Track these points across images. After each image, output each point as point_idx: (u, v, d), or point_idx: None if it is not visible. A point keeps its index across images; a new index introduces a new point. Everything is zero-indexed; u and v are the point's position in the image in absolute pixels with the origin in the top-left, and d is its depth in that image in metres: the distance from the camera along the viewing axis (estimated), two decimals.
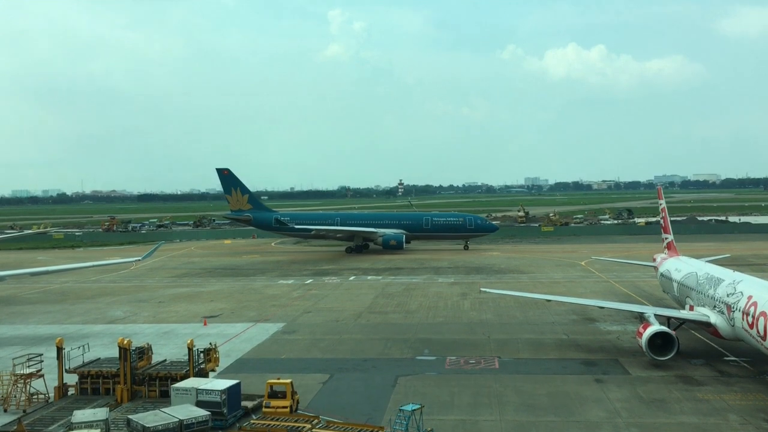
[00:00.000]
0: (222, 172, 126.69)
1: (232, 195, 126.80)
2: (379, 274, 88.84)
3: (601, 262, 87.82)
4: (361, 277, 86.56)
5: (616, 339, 49.22)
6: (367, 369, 42.70)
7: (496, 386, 38.20)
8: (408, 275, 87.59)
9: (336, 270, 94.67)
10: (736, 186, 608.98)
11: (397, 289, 76.00)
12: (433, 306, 64.69)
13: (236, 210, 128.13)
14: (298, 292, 75.01)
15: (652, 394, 36.08)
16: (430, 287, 76.73)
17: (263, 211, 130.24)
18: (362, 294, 72.69)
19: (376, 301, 68.38)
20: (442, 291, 73.79)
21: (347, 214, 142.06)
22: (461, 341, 49.71)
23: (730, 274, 44.66)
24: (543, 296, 56.46)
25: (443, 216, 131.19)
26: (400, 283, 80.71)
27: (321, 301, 69.11)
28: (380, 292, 73.99)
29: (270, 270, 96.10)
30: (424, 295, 70.90)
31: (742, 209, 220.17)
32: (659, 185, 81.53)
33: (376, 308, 64.27)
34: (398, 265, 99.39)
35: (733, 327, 39.63)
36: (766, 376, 38.59)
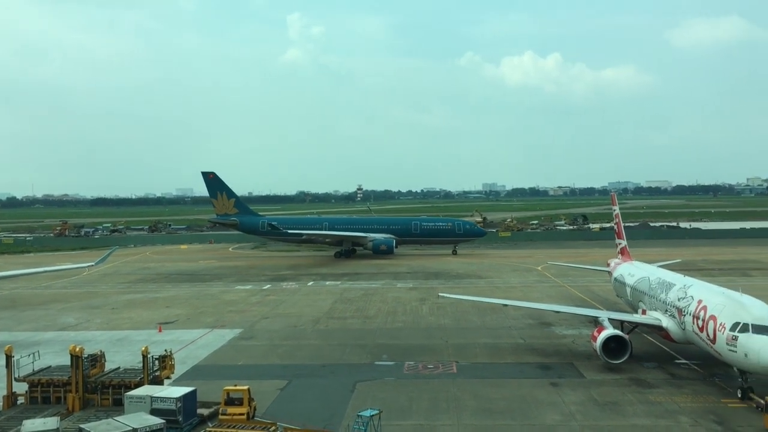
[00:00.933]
0: (207, 175, 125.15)
1: (217, 199, 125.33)
2: (338, 280, 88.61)
3: (557, 267, 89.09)
4: (320, 283, 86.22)
5: (571, 343, 49.94)
6: (325, 375, 42.53)
7: (454, 391, 38.41)
8: (367, 280, 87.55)
9: (294, 275, 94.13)
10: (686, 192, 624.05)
11: (355, 294, 75.90)
12: (391, 311, 64.78)
13: (222, 214, 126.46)
14: (256, 298, 74.35)
15: (606, 397, 36.69)
16: (389, 292, 76.83)
17: (250, 216, 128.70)
18: (321, 299, 72.41)
19: (335, 306, 68.17)
20: (401, 296, 73.94)
21: (335, 219, 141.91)
22: (419, 346, 49.87)
23: (681, 278, 45.74)
24: (500, 301, 56.95)
25: (432, 221, 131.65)
26: (359, 288, 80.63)
27: (279, 306, 68.62)
28: (339, 297, 73.80)
29: (227, 275, 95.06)
30: (382, 301, 70.95)
31: (693, 215, 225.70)
32: (613, 192, 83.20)
33: (334, 314, 64.08)
34: (357, 270, 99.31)
35: (684, 330, 40.57)
36: (715, 378, 39.56)
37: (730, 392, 36.56)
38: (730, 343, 34.05)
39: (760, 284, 74.57)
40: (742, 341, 33.34)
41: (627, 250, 62.69)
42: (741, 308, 35.02)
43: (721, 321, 35.29)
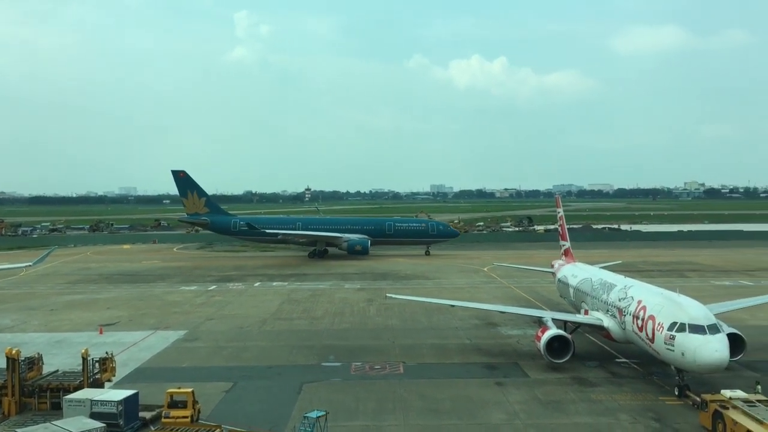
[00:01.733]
0: (178, 174, 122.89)
1: (188, 198, 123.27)
2: (285, 280, 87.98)
3: (503, 268, 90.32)
4: (267, 284, 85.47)
5: (516, 343, 50.69)
6: (271, 376, 42.18)
7: (400, 391, 38.56)
8: (314, 281, 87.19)
9: (241, 276, 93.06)
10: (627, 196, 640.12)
11: (303, 295, 75.49)
12: (339, 312, 64.65)
13: (192, 213, 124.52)
14: (201, 299, 73.23)
15: (549, 396, 37.37)
16: (337, 293, 76.67)
17: (221, 215, 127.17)
18: (267, 300, 71.77)
19: (282, 307, 67.67)
20: (349, 297, 73.87)
21: (308, 219, 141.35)
22: (367, 347, 49.91)
23: (622, 279, 46.91)
24: (447, 302, 57.32)
25: (406, 221, 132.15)
26: (307, 289, 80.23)
27: (225, 307, 67.74)
28: (286, 298, 73.28)
29: (171, 276, 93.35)
30: (330, 302, 70.74)
31: (633, 218, 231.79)
32: (557, 194, 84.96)
33: (281, 315, 63.61)
34: (304, 271, 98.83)
35: (624, 330, 41.62)
36: (654, 376, 40.70)
37: (667, 390, 37.66)
38: (668, 342, 35.06)
39: (697, 285, 77.18)
40: (679, 340, 34.37)
41: (570, 252, 64.00)
42: (678, 308, 36.09)
43: (659, 321, 36.31)
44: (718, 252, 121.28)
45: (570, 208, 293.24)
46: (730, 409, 30.36)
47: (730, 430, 29.44)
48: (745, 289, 74.40)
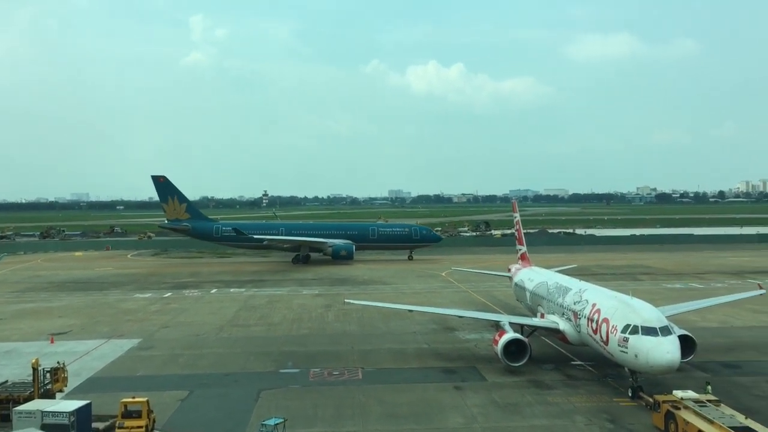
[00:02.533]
0: (158, 179, 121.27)
1: (168, 204, 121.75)
2: (242, 287, 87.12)
3: (461, 272, 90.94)
4: (224, 290, 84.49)
5: (474, 347, 51.03)
6: (228, 384, 41.66)
7: (359, 397, 38.47)
8: (272, 287, 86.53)
9: (197, 283, 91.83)
10: (582, 200, 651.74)
11: (260, 301, 74.82)
12: (297, 318, 64.25)
13: (173, 219, 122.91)
14: (156, 306, 71.99)
15: (506, 399, 37.70)
16: (295, 299, 76.20)
17: (202, 221, 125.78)
18: (224, 307, 70.93)
19: (239, 314, 66.96)
20: (307, 303, 73.48)
21: (291, 225, 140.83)
22: (325, 353, 49.68)
23: (577, 283, 47.67)
24: (405, 306, 57.63)
25: (390, 227, 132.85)
26: (264, 295, 79.55)
27: (180, 315, 66.71)
28: (243, 305, 72.54)
29: (125, 283, 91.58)
30: (288, 308, 70.27)
31: (587, 222, 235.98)
32: (514, 199, 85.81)
33: (238, 321, 62.93)
34: (262, 277, 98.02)
35: (580, 333, 42.25)
36: (608, 378, 41.38)
37: (621, 391, 38.32)
38: (622, 344, 35.70)
39: (649, 288, 78.89)
40: (632, 342, 35.02)
41: (527, 256, 64.81)
42: (631, 311, 36.79)
43: (613, 323, 36.95)
44: (670, 255, 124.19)
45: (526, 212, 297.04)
46: (681, 409, 31.03)
47: (681, 429, 30.09)
48: (696, 292, 76.31)
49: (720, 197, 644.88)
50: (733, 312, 62.30)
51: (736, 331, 55.93)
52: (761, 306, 64.19)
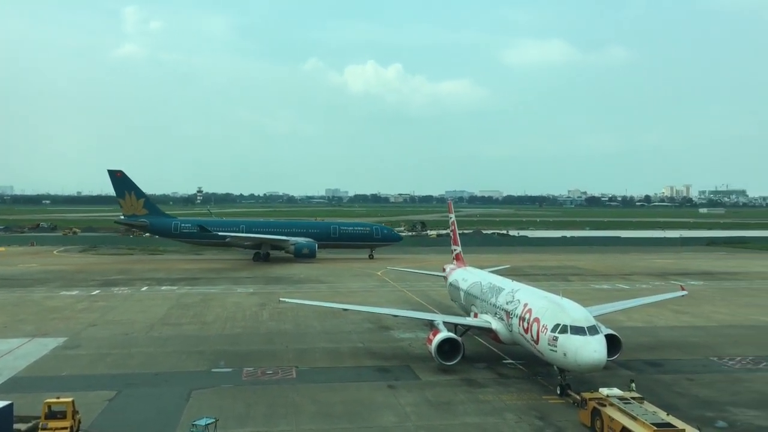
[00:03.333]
0: (115, 174, 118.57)
1: (125, 199, 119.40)
2: (174, 285, 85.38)
3: (396, 272, 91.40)
4: (155, 288, 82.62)
5: (408, 346, 51.37)
6: (158, 383, 40.76)
7: (293, 396, 38.23)
8: (205, 285, 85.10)
9: (127, 280, 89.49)
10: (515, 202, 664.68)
11: (193, 299, 73.47)
12: (230, 317, 63.38)
13: (130, 215, 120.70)
14: (83, 304, 69.80)
15: (439, 398, 38.10)
16: (228, 297, 75.15)
17: (161, 217, 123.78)
18: (155, 305, 69.34)
19: (171, 312, 65.59)
20: (241, 301, 72.57)
21: (253, 222, 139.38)
22: (259, 352, 49.18)
23: (510, 283, 48.54)
24: (340, 305, 57.56)
25: (351, 225, 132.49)
26: (197, 293, 78.16)
27: (109, 313, 64.89)
28: (175, 303, 71.08)
29: (51, 280, 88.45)
30: (221, 306, 69.24)
31: (520, 224, 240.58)
32: (449, 200, 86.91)
33: (170, 320, 61.64)
34: (196, 275, 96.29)
35: (511, 332, 43.06)
36: (538, 377, 42.30)
37: (550, 389, 39.25)
38: (551, 343, 36.55)
39: (578, 288, 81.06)
40: (561, 341, 35.89)
41: (461, 256, 65.64)
42: (561, 311, 37.69)
43: (543, 323, 37.79)
44: (598, 257, 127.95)
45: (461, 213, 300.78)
46: (607, 406, 31.99)
47: (607, 426, 31.03)
48: (622, 292, 78.81)
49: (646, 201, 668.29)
50: (657, 312, 64.63)
51: (659, 330, 58.03)
52: (683, 306, 66.86)
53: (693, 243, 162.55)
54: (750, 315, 65.83)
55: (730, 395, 38.78)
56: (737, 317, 64.65)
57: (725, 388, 40.35)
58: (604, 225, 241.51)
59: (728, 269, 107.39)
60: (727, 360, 47.24)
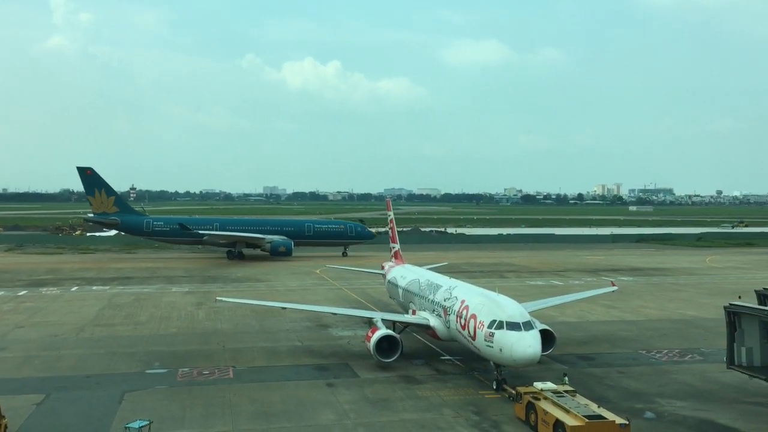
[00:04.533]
0: (84, 171, 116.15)
1: (95, 196, 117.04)
2: (106, 284, 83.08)
3: (335, 270, 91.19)
4: (86, 288, 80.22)
5: (347, 344, 51.37)
6: (89, 386, 39.58)
7: (230, 396, 37.73)
8: (139, 285, 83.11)
9: (56, 280, 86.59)
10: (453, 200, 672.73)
11: (126, 299, 71.65)
12: (165, 317, 62.09)
13: (100, 213, 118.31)
14: (9, 305, 67.20)
15: (378, 395, 38.24)
16: (163, 297, 73.61)
17: (133, 215, 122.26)
18: (86, 306, 67.32)
19: (102, 312, 63.81)
20: (176, 301, 71.17)
21: (226, 220, 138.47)
22: (195, 352, 48.33)
23: (447, 280, 49.05)
24: (279, 304, 57.07)
25: (325, 223, 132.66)
26: (130, 293, 76.26)
27: (37, 314, 62.65)
28: (107, 303, 69.18)
29: None
30: (155, 306, 67.75)
31: (458, 221, 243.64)
32: (388, 198, 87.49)
33: (101, 321, 59.96)
34: (128, 274, 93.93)
35: (449, 329, 43.53)
36: (475, 372, 42.90)
37: (487, 384, 39.85)
38: (488, 339, 37.10)
39: (514, 285, 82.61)
40: (497, 337, 36.45)
41: (400, 254, 65.99)
42: (497, 307, 38.29)
43: (480, 319, 38.32)
44: (533, 254, 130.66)
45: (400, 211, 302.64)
46: (541, 399, 32.68)
47: (541, 419, 31.71)
48: (556, 288, 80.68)
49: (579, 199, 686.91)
50: (589, 307, 66.45)
51: (591, 325, 59.65)
52: (613, 302, 68.94)
53: (623, 240, 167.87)
54: (677, 309, 68.38)
55: (657, 387, 40.18)
56: (665, 311, 67.05)
57: (653, 380, 41.79)
58: (539, 222, 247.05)
59: (656, 265, 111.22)
60: (655, 353, 48.92)
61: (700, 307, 68.43)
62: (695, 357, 47.78)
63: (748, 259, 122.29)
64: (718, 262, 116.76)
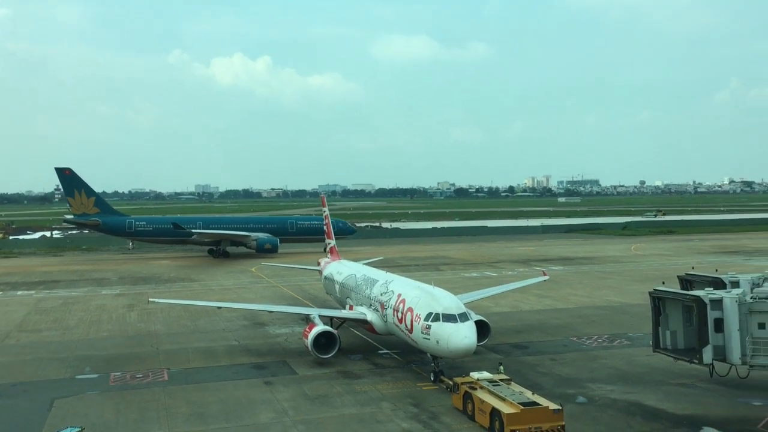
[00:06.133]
0: (63, 171, 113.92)
1: (74, 198, 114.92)
2: (31, 289, 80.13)
3: (271, 267, 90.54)
4: (9, 293, 77.15)
5: (284, 341, 51.08)
6: (16, 394, 38.17)
7: (164, 399, 37.03)
8: (66, 288, 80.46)
9: None
10: (388, 195, 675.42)
11: (53, 304, 69.29)
12: (95, 320, 60.36)
13: (80, 214, 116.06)
14: None
15: (316, 391, 38.19)
16: (93, 300, 71.52)
17: (114, 216, 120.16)
18: (11, 311, 64.81)
19: (28, 318, 61.56)
20: (106, 303, 69.26)
21: (209, 218, 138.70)
22: (127, 355, 47.19)
23: (384, 274, 49.36)
24: (214, 303, 56.31)
25: (308, 219, 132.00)
26: (58, 297, 73.76)
27: None
28: (33, 308, 66.77)
29: None
30: (85, 309, 65.78)
31: (393, 216, 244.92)
32: (323, 194, 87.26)
33: (27, 326, 57.83)
34: (55, 278, 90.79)
35: (386, 323, 43.82)
36: (412, 365, 43.33)
37: (424, 377, 40.32)
38: (425, 331, 37.53)
39: (449, 277, 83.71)
40: (434, 329, 36.92)
41: (336, 250, 66.01)
42: (433, 300, 38.75)
43: (417, 312, 38.70)
44: (467, 246, 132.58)
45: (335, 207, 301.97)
46: (477, 389, 33.28)
47: (477, 408, 32.31)
48: (490, 280, 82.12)
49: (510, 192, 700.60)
50: (522, 297, 67.96)
51: (524, 314, 61.04)
52: (545, 291, 70.70)
53: (553, 231, 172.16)
54: (604, 296, 70.65)
55: (588, 372, 41.49)
56: (593, 299, 69.19)
57: (584, 365, 43.12)
58: (472, 215, 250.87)
59: (585, 254, 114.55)
60: (585, 339, 50.48)
61: (627, 294, 70.88)
62: (623, 342, 49.51)
63: (670, 246, 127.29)
64: (642, 250, 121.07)
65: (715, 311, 32.85)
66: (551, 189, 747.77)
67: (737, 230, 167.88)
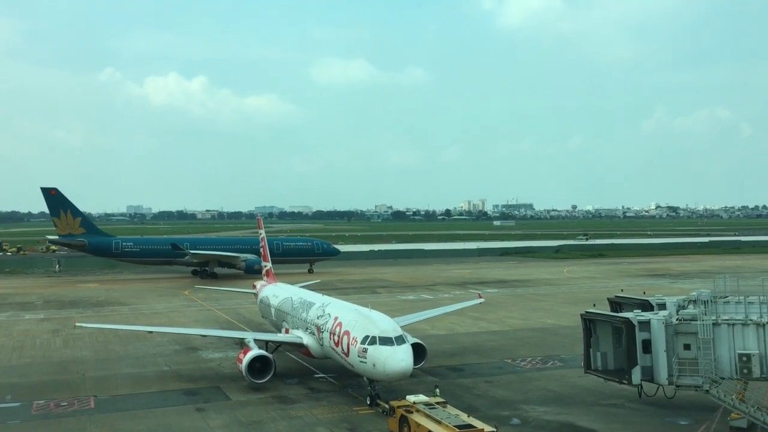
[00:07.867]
0: (49, 192, 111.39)
1: (60, 218, 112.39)
2: None
3: (205, 290, 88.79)
4: None
5: (217, 366, 49.98)
6: None
7: (91, 427, 35.64)
8: None
9: None
10: (325, 217, 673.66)
11: None
12: (18, 346, 57.81)
13: (66, 234, 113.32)
14: None
15: (250, 417, 37.43)
16: (15, 325, 68.56)
17: (100, 236, 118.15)
18: None
19: None
20: (30, 329, 66.47)
21: (196, 239, 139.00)
22: (52, 382, 45.28)
23: (320, 297, 49.03)
24: (144, 328, 54.93)
25: (293, 240, 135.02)
26: None
27: None
28: None
29: None
30: (6, 335, 62.97)
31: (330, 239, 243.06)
32: (259, 216, 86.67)
33: None
34: None
35: (323, 346, 43.42)
36: (348, 389, 43.01)
37: (361, 401, 40.04)
38: (361, 355, 37.35)
39: (386, 300, 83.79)
40: (370, 352, 36.80)
41: (272, 272, 65.28)
42: (370, 323, 38.67)
43: (353, 335, 38.54)
44: (404, 269, 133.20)
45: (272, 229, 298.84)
46: (414, 412, 33.22)
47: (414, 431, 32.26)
48: (426, 302, 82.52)
49: (447, 215, 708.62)
50: (458, 320, 68.51)
51: (460, 337, 61.50)
52: (481, 313, 71.48)
53: (488, 253, 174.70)
54: (538, 318, 71.90)
55: (522, 394, 41.99)
56: (528, 321, 70.31)
57: (518, 387, 43.64)
58: (409, 238, 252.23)
59: (519, 277, 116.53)
60: (520, 361, 51.16)
61: (559, 316, 72.32)
62: (556, 363, 50.39)
63: (600, 269, 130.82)
64: (574, 273, 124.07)
65: (643, 332, 33.87)
66: (487, 213, 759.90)
67: (664, 254, 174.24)
